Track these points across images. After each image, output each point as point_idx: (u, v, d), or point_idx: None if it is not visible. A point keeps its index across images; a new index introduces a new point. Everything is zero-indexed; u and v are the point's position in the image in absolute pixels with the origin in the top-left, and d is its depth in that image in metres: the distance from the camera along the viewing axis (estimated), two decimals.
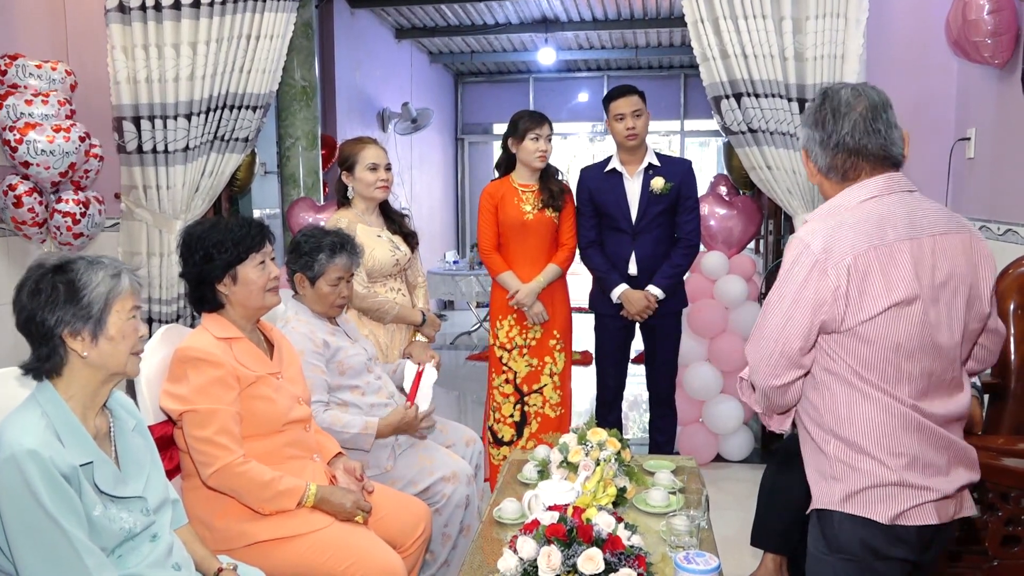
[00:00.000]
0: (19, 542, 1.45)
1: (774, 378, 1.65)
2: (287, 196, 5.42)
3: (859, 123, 1.64)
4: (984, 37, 2.97)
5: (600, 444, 2.29)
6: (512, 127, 3.39)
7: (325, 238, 2.52)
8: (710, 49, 3.52)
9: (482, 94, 10.74)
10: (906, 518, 1.59)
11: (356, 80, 7.13)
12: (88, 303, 1.54)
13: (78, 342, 1.55)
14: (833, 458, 1.63)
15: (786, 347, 1.61)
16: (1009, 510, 2.06)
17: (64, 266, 1.56)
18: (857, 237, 1.57)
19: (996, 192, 3.25)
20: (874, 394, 1.59)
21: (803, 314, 1.58)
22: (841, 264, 1.55)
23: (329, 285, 2.51)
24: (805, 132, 1.73)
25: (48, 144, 3.37)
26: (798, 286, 1.59)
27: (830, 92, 1.69)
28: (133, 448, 1.69)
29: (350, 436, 2.43)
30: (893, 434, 1.58)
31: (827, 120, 1.66)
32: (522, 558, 1.73)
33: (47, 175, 3.42)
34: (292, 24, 3.75)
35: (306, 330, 2.47)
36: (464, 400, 5.87)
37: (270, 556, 2.00)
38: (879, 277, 1.55)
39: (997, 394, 2.57)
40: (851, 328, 1.57)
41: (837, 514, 1.63)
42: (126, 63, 3.76)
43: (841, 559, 1.64)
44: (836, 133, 1.65)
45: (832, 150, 1.66)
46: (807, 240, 1.60)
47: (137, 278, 1.64)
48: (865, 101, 1.65)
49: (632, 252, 3.40)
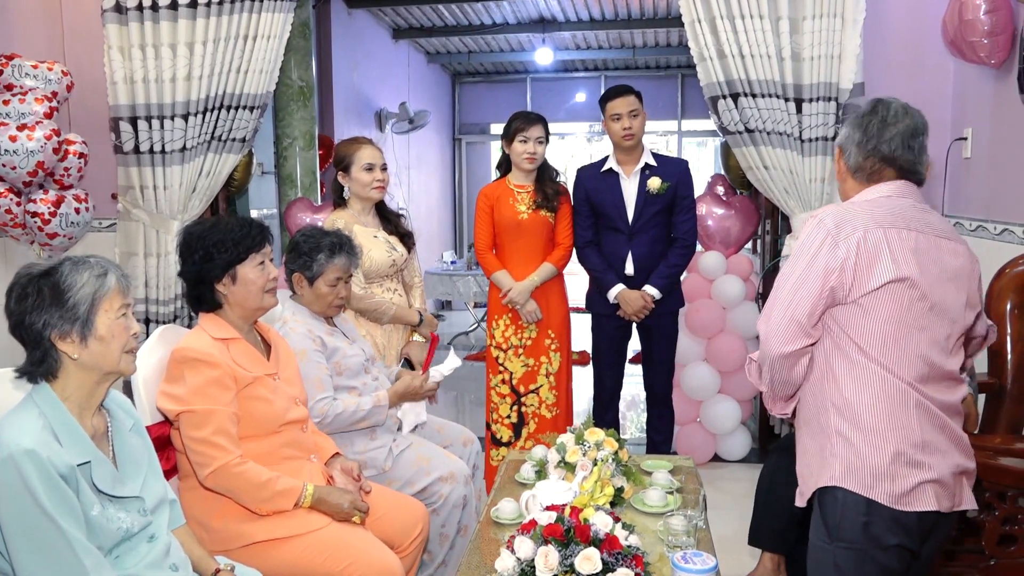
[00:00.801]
0: (17, 542, 1.45)
1: (784, 345, 1.70)
2: (284, 196, 5.42)
3: (898, 136, 1.74)
4: (980, 37, 2.98)
5: (597, 444, 2.29)
6: (506, 127, 3.40)
7: (324, 238, 2.52)
8: (707, 49, 3.52)
9: (479, 94, 10.74)
10: (907, 502, 1.62)
11: (353, 80, 7.12)
12: (74, 304, 1.54)
13: (68, 344, 1.55)
14: (834, 432, 1.69)
15: (797, 312, 1.68)
16: (1006, 509, 2.07)
17: (50, 270, 1.56)
18: (868, 216, 1.68)
19: (993, 192, 3.25)
20: (876, 369, 1.66)
21: (814, 281, 1.67)
22: (852, 238, 1.65)
23: (328, 285, 2.51)
24: (847, 131, 1.82)
25: (11, 143, 3.33)
26: (810, 256, 1.69)
27: (884, 102, 1.79)
28: (130, 448, 1.69)
29: (366, 412, 2.49)
30: (893, 409, 1.64)
31: (871, 125, 1.76)
32: (520, 558, 1.73)
33: (15, 175, 3.38)
34: (289, 24, 3.75)
35: (304, 329, 2.47)
36: (462, 400, 5.87)
37: (267, 556, 2.00)
38: (886, 253, 1.65)
39: (994, 393, 2.57)
40: (856, 300, 1.65)
41: (840, 491, 1.66)
42: (123, 63, 3.75)
43: (842, 548, 1.67)
44: (876, 138, 1.75)
45: (867, 152, 1.76)
46: (821, 217, 1.72)
47: (126, 276, 1.63)
48: (911, 120, 1.76)
49: (628, 252, 3.40)
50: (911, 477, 1.62)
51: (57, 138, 3.48)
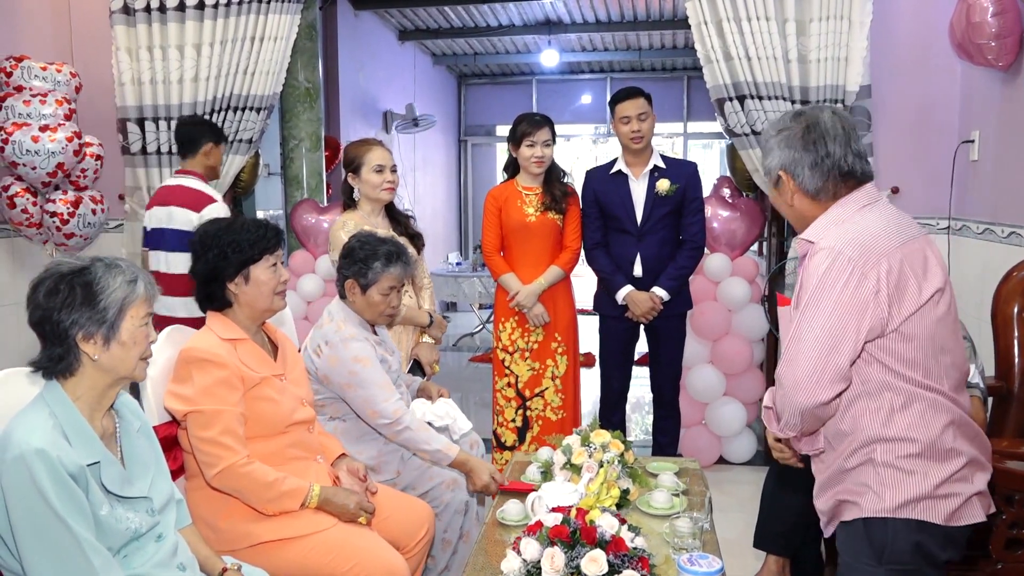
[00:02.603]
0: (26, 541, 1.45)
1: (820, 393, 1.59)
2: (290, 197, 5.42)
3: (847, 148, 1.69)
4: (988, 40, 2.97)
5: (603, 446, 2.30)
6: (512, 131, 3.40)
7: (381, 246, 2.49)
8: (714, 51, 3.52)
9: (485, 96, 10.75)
10: (958, 517, 1.60)
11: (359, 82, 7.14)
12: (104, 307, 1.55)
13: (90, 345, 1.56)
14: (882, 465, 1.61)
15: (834, 356, 1.57)
16: (1014, 513, 2.06)
17: (83, 269, 1.57)
18: (882, 239, 1.61)
19: (1000, 195, 3.25)
20: (920, 392, 1.60)
21: (848, 319, 1.56)
22: (880, 265, 1.58)
23: (381, 294, 2.47)
24: (787, 154, 1.73)
25: (33, 144, 3.36)
26: (837, 292, 1.57)
27: (811, 116, 1.73)
28: (138, 449, 1.70)
29: (430, 451, 2.44)
30: (944, 432, 1.60)
31: (818, 143, 1.69)
32: (526, 559, 1.74)
33: (35, 175, 3.41)
34: (296, 26, 3.77)
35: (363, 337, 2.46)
36: (467, 402, 5.86)
37: (274, 556, 2.00)
38: (910, 274, 1.59)
39: (1001, 397, 2.57)
40: (896, 328, 1.58)
41: (891, 521, 1.61)
42: (130, 64, 3.77)
43: (894, 570, 1.62)
44: (830, 156, 1.69)
45: (826, 172, 1.69)
46: (837, 247, 1.60)
47: (152, 284, 1.64)
48: (843, 124, 1.71)
49: (637, 254, 3.40)
50: (961, 494, 1.59)
51: (78, 140, 3.52)
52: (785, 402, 1.65)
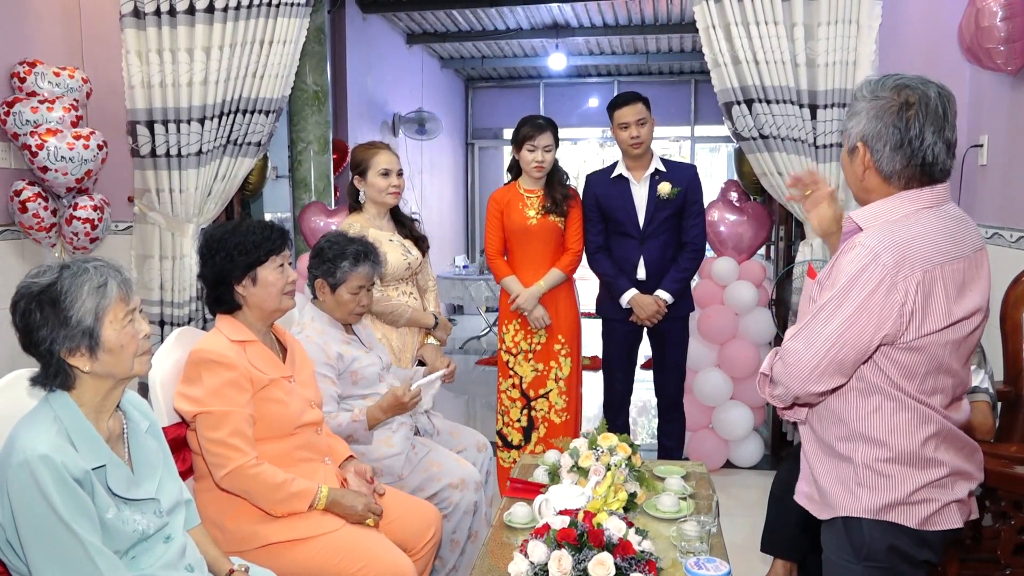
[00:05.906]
0: (32, 547, 1.46)
1: (815, 384, 1.58)
2: (298, 200, 5.45)
3: (940, 139, 1.57)
4: (997, 44, 2.96)
5: (611, 449, 2.30)
6: (515, 133, 3.40)
7: (349, 246, 2.52)
8: (721, 55, 3.52)
9: (492, 99, 10.76)
10: (933, 523, 1.60)
11: (367, 85, 7.16)
12: (77, 321, 1.51)
13: (78, 359, 1.53)
14: (861, 465, 1.61)
15: (840, 354, 1.54)
16: (1022, 518, 2.05)
17: (49, 286, 1.51)
18: (927, 251, 1.53)
19: (1009, 199, 3.23)
20: (909, 402, 1.58)
21: (866, 325, 1.52)
22: (911, 279, 1.51)
23: (350, 293, 2.50)
24: (875, 125, 1.59)
25: (68, 151, 3.40)
26: (866, 295, 1.52)
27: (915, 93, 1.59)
28: (146, 450, 1.70)
29: (343, 427, 2.42)
30: (926, 442, 1.58)
31: (911, 124, 1.56)
32: (533, 562, 1.74)
33: (63, 180, 3.45)
34: (304, 29, 3.78)
35: (320, 341, 2.47)
36: (473, 404, 5.87)
37: (282, 558, 2.01)
38: (942, 293, 1.53)
39: (1010, 402, 2.56)
40: (908, 341, 1.54)
41: (867, 521, 1.62)
42: (140, 68, 3.79)
43: (868, 567, 1.63)
44: (920, 142, 1.56)
45: (907, 158, 1.57)
46: (877, 249, 1.52)
47: (127, 280, 1.59)
48: (947, 106, 1.59)
49: (640, 257, 3.40)
50: (937, 500, 1.59)
51: (106, 148, 3.57)
52: (782, 378, 1.63)
